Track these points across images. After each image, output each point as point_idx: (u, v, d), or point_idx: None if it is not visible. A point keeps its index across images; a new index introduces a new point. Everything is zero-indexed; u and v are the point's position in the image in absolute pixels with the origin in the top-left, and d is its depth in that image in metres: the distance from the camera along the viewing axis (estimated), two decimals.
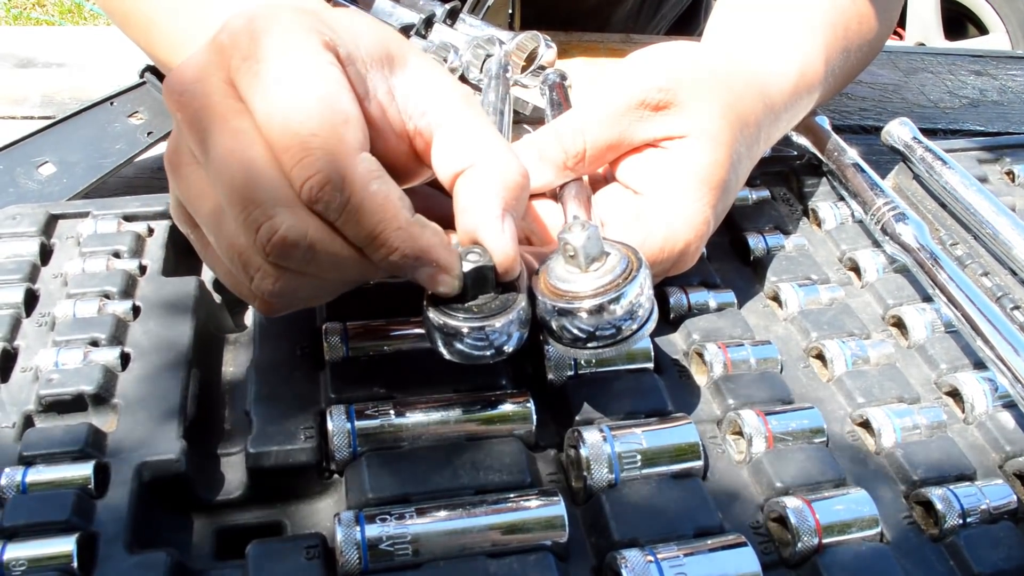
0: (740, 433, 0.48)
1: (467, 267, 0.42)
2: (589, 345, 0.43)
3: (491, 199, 0.42)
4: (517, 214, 0.44)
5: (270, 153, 0.38)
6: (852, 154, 0.66)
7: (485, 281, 0.42)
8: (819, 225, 0.66)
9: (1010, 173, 0.71)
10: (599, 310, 0.42)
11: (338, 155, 0.37)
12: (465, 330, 0.41)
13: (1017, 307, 0.57)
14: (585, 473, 0.44)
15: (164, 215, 0.60)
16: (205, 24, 0.51)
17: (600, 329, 0.43)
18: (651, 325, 0.44)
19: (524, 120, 0.80)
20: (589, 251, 0.43)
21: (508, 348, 0.43)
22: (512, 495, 0.42)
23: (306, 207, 0.38)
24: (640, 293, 0.42)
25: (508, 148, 0.44)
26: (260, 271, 0.40)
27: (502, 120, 0.60)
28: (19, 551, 0.39)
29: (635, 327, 0.43)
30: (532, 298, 0.44)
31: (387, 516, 0.40)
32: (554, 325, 0.43)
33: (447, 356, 0.43)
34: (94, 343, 0.50)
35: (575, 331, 0.43)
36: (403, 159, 0.45)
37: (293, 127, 0.37)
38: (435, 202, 0.51)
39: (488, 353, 0.42)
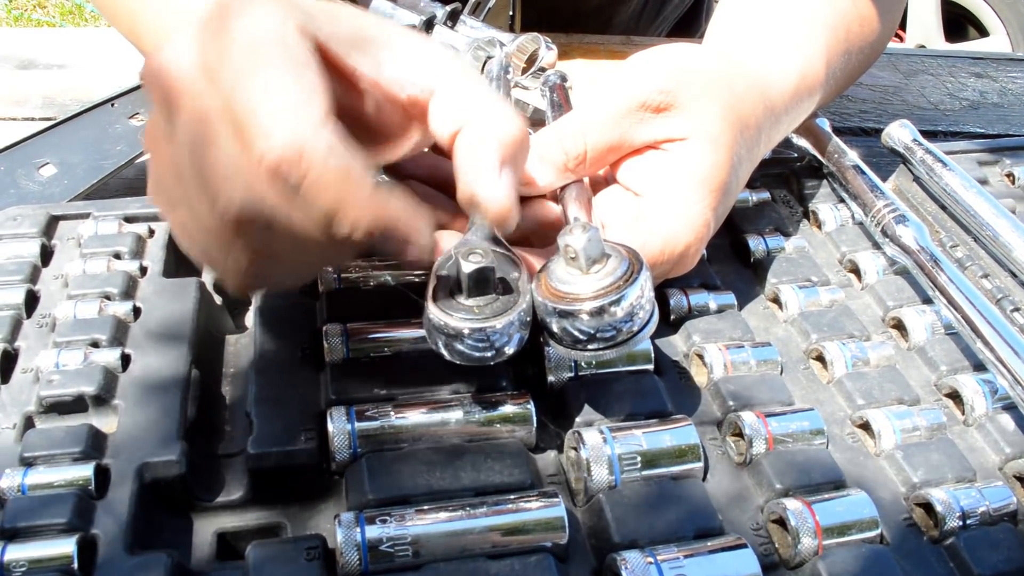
0: (740, 435, 0.48)
1: (468, 268, 0.42)
2: (590, 347, 0.43)
3: (489, 153, 0.42)
4: (516, 169, 0.43)
5: (233, 129, 0.38)
6: (852, 156, 0.66)
7: (486, 282, 0.42)
8: (819, 227, 0.66)
9: (1010, 175, 0.71)
10: (600, 312, 0.42)
11: (296, 131, 0.37)
12: (466, 331, 0.41)
13: (1017, 309, 0.57)
14: (585, 475, 0.44)
15: None
16: (186, 17, 0.52)
17: (601, 331, 0.42)
18: (651, 327, 0.44)
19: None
20: (590, 253, 0.43)
21: (509, 349, 0.42)
22: (512, 496, 0.43)
23: (266, 182, 0.38)
24: (641, 295, 0.42)
25: (505, 104, 0.43)
26: (227, 246, 0.40)
27: None
28: (19, 552, 0.39)
29: (636, 329, 0.43)
30: (532, 300, 0.44)
31: (387, 517, 0.40)
32: (555, 327, 0.43)
33: (447, 357, 0.43)
34: (95, 344, 0.50)
35: (576, 333, 0.43)
36: (400, 129, 0.45)
37: (253, 103, 0.37)
38: (435, 202, 0.51)
39: (488, 354, 0.42)
